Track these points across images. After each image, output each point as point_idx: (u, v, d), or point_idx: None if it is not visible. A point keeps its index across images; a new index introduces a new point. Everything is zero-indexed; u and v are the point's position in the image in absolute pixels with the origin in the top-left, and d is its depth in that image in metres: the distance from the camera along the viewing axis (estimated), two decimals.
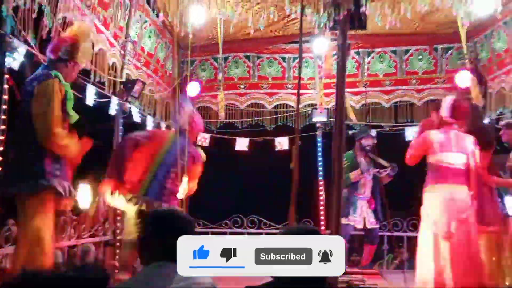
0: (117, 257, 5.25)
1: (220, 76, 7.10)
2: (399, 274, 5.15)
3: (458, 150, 4.32)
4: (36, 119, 3.18)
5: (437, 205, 4.21)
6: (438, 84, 7.18)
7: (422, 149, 4.41)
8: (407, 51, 7.31)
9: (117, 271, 4.64)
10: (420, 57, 7.28)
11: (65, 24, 4.18)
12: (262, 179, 6.76)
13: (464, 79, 6.45)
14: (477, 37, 6.82)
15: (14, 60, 3.68)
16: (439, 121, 4.48)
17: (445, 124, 4.42)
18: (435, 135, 4.40)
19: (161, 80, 6.82)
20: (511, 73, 6.07)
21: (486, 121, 5.97)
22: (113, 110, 5.42)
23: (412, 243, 7.22)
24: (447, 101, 4.48)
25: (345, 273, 3.39)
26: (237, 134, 7.35)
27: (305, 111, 7.14)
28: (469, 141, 4.37)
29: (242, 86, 7.56)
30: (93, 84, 4.95)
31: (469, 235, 4.12)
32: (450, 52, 7.12)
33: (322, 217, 6.98)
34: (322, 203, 7.00)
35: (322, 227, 6.89)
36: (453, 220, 4.10)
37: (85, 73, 4.75)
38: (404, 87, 7.27)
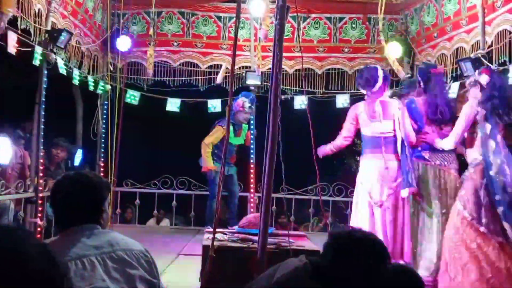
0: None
1: (151, 31, 6.85)
2: (325, 236, 5.32)
3: (385, 118, 4.53)
4: None
5: (372, 174, 4.47)
6: (369, 54, 7.34)
7: (354, 125, 4.65)
8: (341, 18, 7.38)
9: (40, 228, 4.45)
10: (354, 25, 7.39)
11: None
12: (193, 141, 6.67)
13: (394, 50, 6.66)
14: (407, 10, 7.01)
15: None
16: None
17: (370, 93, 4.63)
18: (362, 107, 4.62)
19: (89, 32, 6.47)
20: (437, 47, 6.31)
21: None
22: (37, 61, 5.10)
23: (336, 207, 7.54)
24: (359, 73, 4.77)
25: (274, 235, 3.45)
26: (168, 94, 7.16)
27: (239, 73, 7.07)
28: (395, 106, 4.57)
29: (175, 44, 7.34)
30: (15, 32, 4.61)
31: (397, 202, 4.42)
32: (382, 23, 7.27)
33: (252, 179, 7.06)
34: (252, 162, 7.04)
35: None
36: (385, 188, 4.40)
37: (10, 21, 4.39)
38: (337, 54, 7.37)
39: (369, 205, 4.46)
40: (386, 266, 1.81)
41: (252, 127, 6.93)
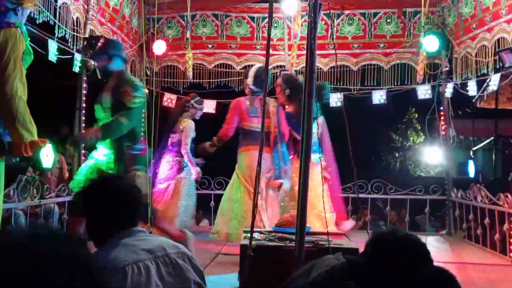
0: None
1: (187, 34, 6.95)
2: (363, 234, 5.27)
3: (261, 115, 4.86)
4: None
5: (249, 165, 4.99)
6: (405, 48, 7.21)
7: (235, 118, 5.14)
8: (376, 14, 7.29)
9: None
10: (389, 20, 7.28)
11: None
12: (229, 141, 6.71)
13: (431, 43, 6.54)
14: (444, 2, 6.86)
15: None
16: (246, 88, 5.20)
17: (251, 91, 5.10)
18: (244, 103, 5.09)
19: (127, 37, 6.61)
20: (476, 39, 6.15)
21: None
22: (76, 67, 5.24)
23: (375, 205, 7.45)
24: (253, 70, 5.16)
25: (312, 234, 3.44)
26: (204, 96, 7.23)
27: (274, 73, 7.07)
28: (272, 105, 5.07)
29: (210, 46, 7.42)
30: (56, 39, 4.75)
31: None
32: (418, 16, 7.14)
33: None
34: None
35: None
36: (261, 178, 4.76)
37: (47, 27, 4.54)
38: (372, 50, 7.29)
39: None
40: (427, 269, 1.77)
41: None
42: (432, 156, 8.02)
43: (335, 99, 6.86)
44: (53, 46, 4.71)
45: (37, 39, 4.31)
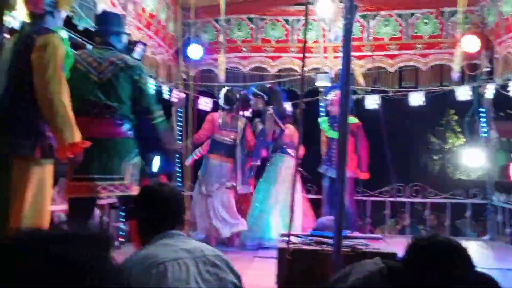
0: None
1: (221, 38, 7.00)
2: (401, 238, 5.20)
3: (230, 129, 5.90)
4: (39, 71, 2.90)
5: (210, 170, 5.82)
6: (443, 49, 7.06)
7: (209, 128, 5.94)
8: (412, 14, 7.17)
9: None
10: (426, 20, 7.14)
11: None
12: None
13: (471, 43, 6.38)
14: (484, 1, 6.68)
15: (14, 19, 3.60)
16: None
17: (223, 109, 5.95)
18: (217, 118, 5.94)
19: (163, 42, 6.71)
20: None
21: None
22: None
23: (414, 208, 7.32)
24: (222, 93, 6.01)
25: (349, 238, 3.40)
26: None
27: (309, 76, 7.04)
28: (242, 121, 5.98)
29: (244, 49, 7.44)
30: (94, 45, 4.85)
31: (226, 194, 5.81)
32: (456, 15, 6.97)
33: None
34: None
35: None
36: (216, 182, 5.77)
37: (87, 34, 4.65)
38: (409, 51, 7.16)
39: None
40: (468, 274, 1.72)
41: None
42: (472, 158, 7.80)
43: (372, 101, 6.78)
44: None
45: (77, 45, 4.43)
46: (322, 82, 6.84)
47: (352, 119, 6.14)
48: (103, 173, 3.39)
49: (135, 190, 3.39)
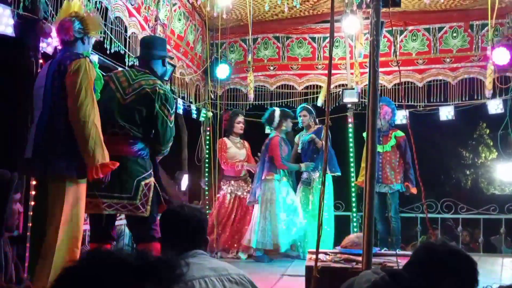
0: None
1: (249, 57, 7.08)
2: None
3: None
4: (72, 95, 3.03)
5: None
6: (473, 62, 6.96)
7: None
8: (440, 28, 7.11)
9: None
10: (455, 34, 7.07)
11: (101, 8, 4.22)
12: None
13: (501, 56, 6.27)
14: None
15: (48, 45, 3.73)
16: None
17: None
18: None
19: (191, 63, 6.83)
20: None
21: None
22: None
23: (445, 225, 7.16)
24: (276, 114, 6.29)
25: (379, 255, 3.36)
26: None
27: (336, 92, 7.03)
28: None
29: (271, 68, 7.51)
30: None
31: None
32: (486, 28, 6.88)
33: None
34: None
35: None
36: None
37: (119, 57, 4.78)
38: (437, 65, 7.09)
39: None
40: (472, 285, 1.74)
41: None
42: (506, 172, 7.62)
43: (400, 117, 6.71)
44: None
45: (108, 68, 4.55)
46: (349, 98, 6.81)
47: (398, 133, 6.24)
48: (110, 191, 3.36)
49: (146, 212, 3.40)
